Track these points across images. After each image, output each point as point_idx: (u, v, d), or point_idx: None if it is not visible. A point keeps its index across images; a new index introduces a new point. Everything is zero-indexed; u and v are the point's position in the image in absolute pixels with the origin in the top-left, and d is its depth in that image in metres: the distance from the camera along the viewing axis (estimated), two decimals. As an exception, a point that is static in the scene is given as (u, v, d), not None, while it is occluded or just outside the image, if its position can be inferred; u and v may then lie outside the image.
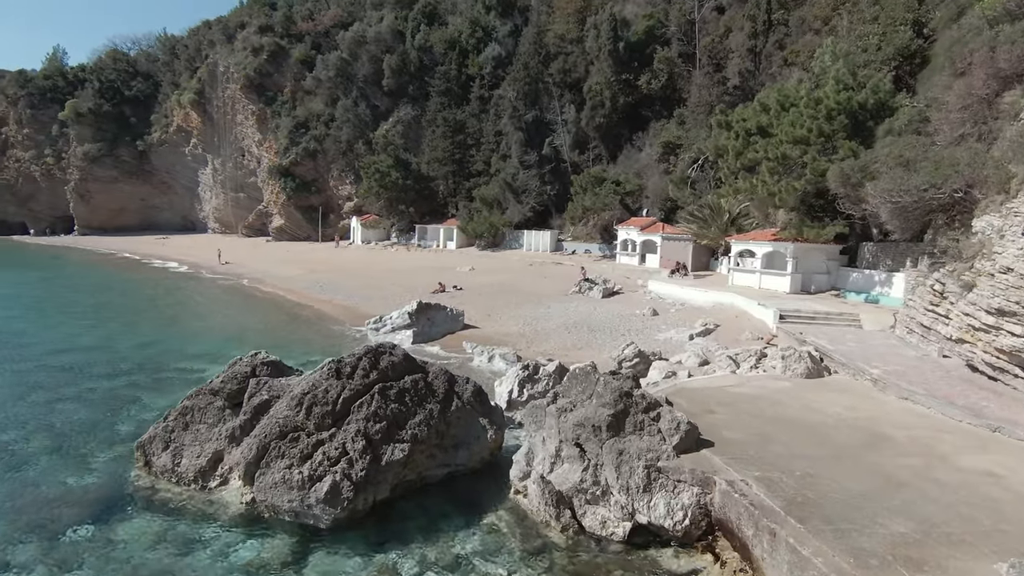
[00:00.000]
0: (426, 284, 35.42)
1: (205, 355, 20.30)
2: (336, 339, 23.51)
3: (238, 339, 22.99)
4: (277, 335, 24.09)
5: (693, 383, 14.17)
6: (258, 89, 78.42)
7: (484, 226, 54.68)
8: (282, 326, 26.16)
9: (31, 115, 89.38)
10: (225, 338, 23.33)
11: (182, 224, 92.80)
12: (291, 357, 20.16)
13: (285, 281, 40.02)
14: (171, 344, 22.14)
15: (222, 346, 21.68)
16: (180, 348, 21.66)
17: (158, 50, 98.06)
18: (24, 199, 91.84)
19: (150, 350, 21.21)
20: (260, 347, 21.33)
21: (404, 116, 71.09)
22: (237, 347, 21.63)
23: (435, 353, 21.86)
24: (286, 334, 24.27)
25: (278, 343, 22.46)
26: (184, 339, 23.27)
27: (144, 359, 19.89)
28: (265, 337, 23.79)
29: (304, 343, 22.56)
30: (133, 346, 21.84)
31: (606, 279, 33.83)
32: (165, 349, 21.33)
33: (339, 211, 74.07)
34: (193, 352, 21.03)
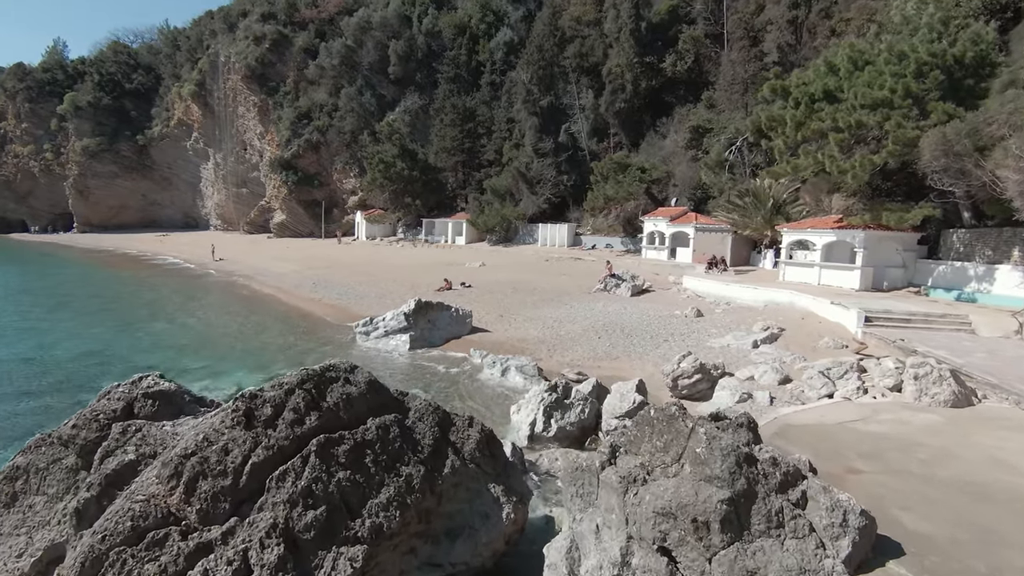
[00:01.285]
0: (431, 282, 31.46)
1: (150, 368, 16.38)
2: (314, 345, 19.55)
3: (197, 346, 19.14)
4: (246, 341, 20.18)
5: (799, 416, 9.96)
6: (260, 79, 75.01)
7: (496, 219, 50.62)
8: (255, 329, 22.25)
9: (30, 109, 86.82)
10: (182, 344, 19.48)
11: (184, 221, 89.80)
12: (251, 371, 16.29)
13: (276, 278, 36.24)
14: (117, 351, 18.30)
15: (176, 356, 17.84)
16: (126, 357, 17.79)
17: (160, 42, 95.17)
18: (23, 196, 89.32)
19: (88, 360, 17.37)
20: (222, 355, 17.47)
21: (411, 105, 67.33)
22: (193, 356, 17.77)
23: (436, 357, 17.85)
24: (256, 339, 20.36)
25: (244, 351, 18.56)
26: (135, 346, 19.43)
27: (74, 372, 16.06)
28: (231, 343, 19.90)
29: (273, 351, 18.62)
30: (72, 355, 18.02)
31: (633, 275, 29.65)
32: (107, 358, 17.47)
33: (343, 206, 70.44)
34: (141, 363, 17.14)
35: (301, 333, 21.38)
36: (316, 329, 22.28)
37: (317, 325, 23.01)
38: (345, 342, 19.95)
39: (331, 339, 20.45)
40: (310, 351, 18.68)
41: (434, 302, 20.02)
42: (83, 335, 20.89)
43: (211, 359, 17.29)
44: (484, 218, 51.46)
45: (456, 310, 20.36)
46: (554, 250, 46.89)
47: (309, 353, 18.38)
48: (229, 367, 16.40)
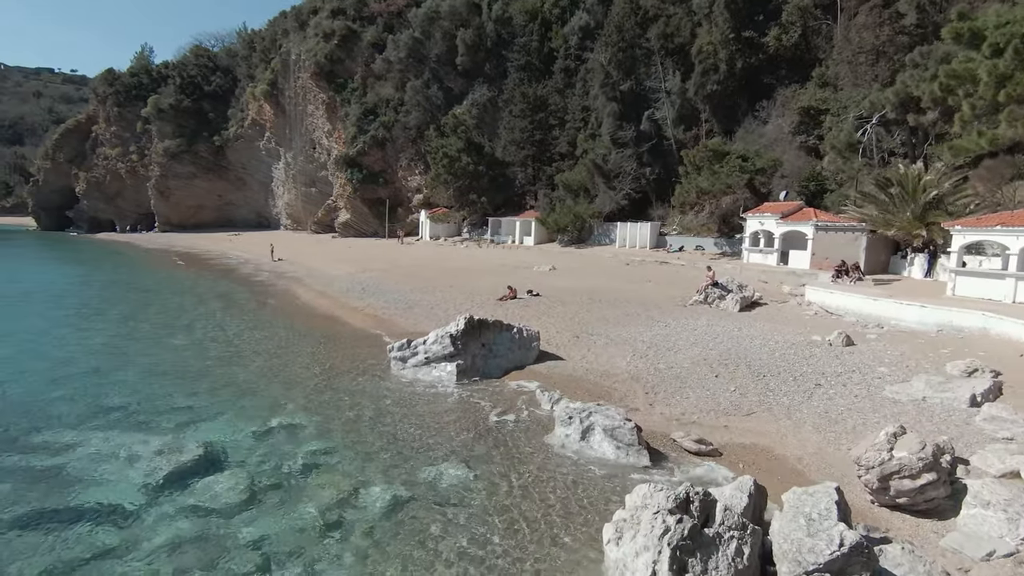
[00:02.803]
0: (493, 288, 26.94)
1: (117, 408, 12.65)
2: (341, 373, 15.32)
3: (199, 373, 15.41)
4: (260, 367, 16.26)
5: None
6: (328, 76, 73.55)
7: (568, 218, 45.57)
8: (277, 348, 18.42)
9: (118, 113, 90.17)
10: (181, 370, 15.79)
11: (257, 221, 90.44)
12: (246, 418, 12.18)
13: (326, 282, 32.95)
14: (93, 378, 14.74)
15: (163, 388, 14.15)
16: (101, 386, 14.23)
17: (238, 44, 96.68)
18: (112, 197, 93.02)
19: (54, 388, 13.91)
20: (221, 387, 13.64)
21: (479, 98, 63.38)
22: (184, 389, 13.97)
23: (490, 395, 13.12)
24: (273, 365, 16.39)
25: (252, 382, 14.59)
26: (125, 367, 15.94)
27: (27, 403, 12.58)
28: (241, 368, 16.06)
29: (287, 383, 14.52)
30: (37, 378, 14.70)
31: (740, 283, 23.85)
32: (76, 390, 13.90)
33: (407, 204, 67.56)
34: (116, 395, 13.52)
35: (330, 355, 17.28)
36: (350, 349, 18.15)
37: (352, 343, 18.90)
38: (380, 369, 15.62)
39: (363, 364, 16.19)
40: (332, 383, 14.48)
41: (490, 320, 15.31)
42: (70, 351, 17.75)
43: (205, 394, 13.44)
44: (555, 216, 46.53)
45: (519, 331, 15.58)
46: (635, 252, 41.29)
47: (330, 388, 14.18)
48: (219, 408, 12.46)
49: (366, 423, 11.81)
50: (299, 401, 12.97)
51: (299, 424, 11.60)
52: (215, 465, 9.65)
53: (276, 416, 11.94)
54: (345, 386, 14.14)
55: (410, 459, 10.04)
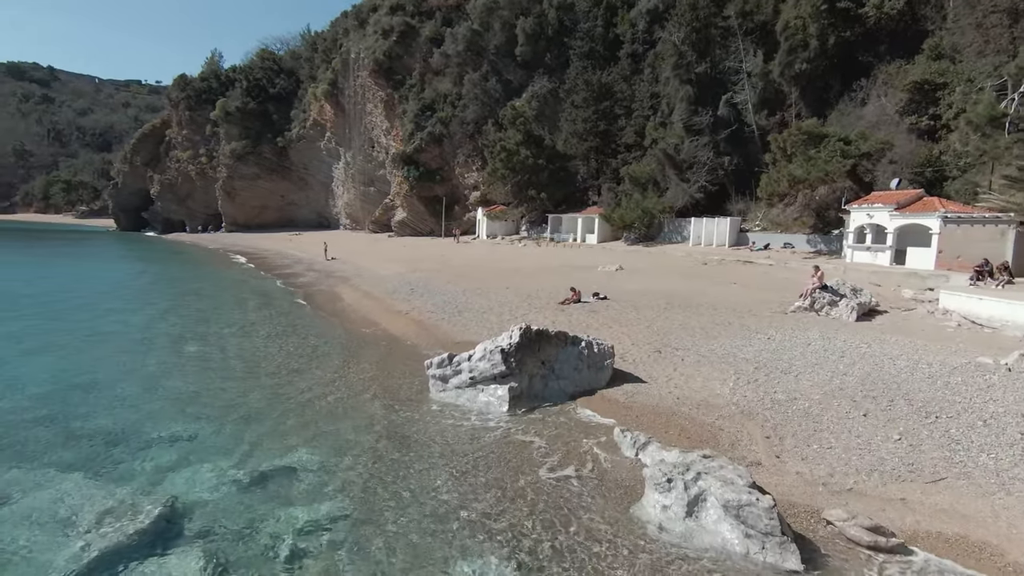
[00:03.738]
0: (553, 289, 23.82)
1: (97, 432, 10.33)
2: (370, 395, 12.55)
3: (198, 391, 13.04)
4: (275, 384, 13.77)
5: None
6: (387, 73, 72.54)
7: (635, 213, 41.74)
8: (305, 359, 15.91)
9: (189, 117, 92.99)
10: (182, 389, 13.49)
11: (318, 221, 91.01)
12: (242, 455, 9.36)
13: (374, 282, 30.74)
14: (64, 403, 12.58)
15: (155, 408, 11.83)
16: (88, 403, 12.06)
17: (302, 46, 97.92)
18: (183, 198, 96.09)
19: (44, 402, 11.82)
20: (224, 411, 11.12)
21: (539, 90, 60.37)
22: (178, 411, 11.56)
23: (549, 433, 9.88)
24: (292, 380, 13.85)
25: (260, 407, 12.04)
26: (118, 379, 13.81)
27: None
28: (252, 386, 13.61)
29: (301, 407, 11.84)
30: (35, 385, 12.72)
31: (854, 287, 19.67)
32: (50, 413, 11.73)
33: (464, 202, 65.38)
34: (103, 416, 11.30)
35: (360, 370, 14.57)
36: (384, 362, 15.42)
37: (389, 355, 16.18)
38: (415, 389, 12.77)
39: (397, 383, 13.39)
40: (356, 409, 11.72)
41: (551, 331, 12.12)
42: (71, 360, 15.88)
43: (200, 421, 10.98)
44: (621, 212, 42.80)
45: (588, 345, 12.34)
46: (711, 250, 37.07)
47: (351, 415, 11.42)
48: (209, 444, 9.92)
49: (385, 472, 8.91)
50: (309, 435, 10.23)
51: (301, 472, 8.85)
52: (171, 538, 6.98)
53: (276, 458, 9.24)
54: (370, 413, 11.33)
55: (435, 545, 7.01)
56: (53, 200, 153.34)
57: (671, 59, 43.24)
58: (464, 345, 16.00)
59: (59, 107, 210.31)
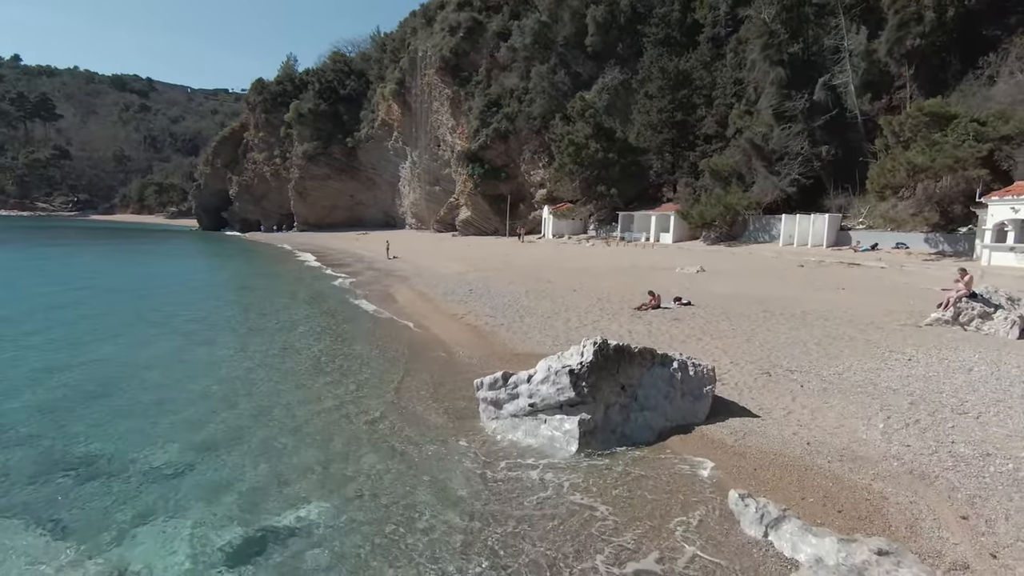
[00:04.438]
0: (626, 293, 21.08)
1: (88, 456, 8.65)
2: (403, 426, 10.31)
3: (207, 406, 11.28)
4: (300, 397, 11.84)
5: None
6: (453, 70, 71.46)
7: (716, 209, 37.99)
8: (338, 371, 13.93)
9: (265, 119, 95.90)
10: (194, 400, 11.81)
11: (384, 220, 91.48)
12: (249, 494, 7.30)
13: (432, 282, 28.92)
14: (41, 425, 11.05)
15: (154, 430, 10.09)
16: (76, 426, 10.50)
17: (372, 48, 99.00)
18: (259, 198, 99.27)
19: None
20: (239, 432, 9.16)
21: (610, 81, 57.28)
22: (175, 435, 9.75)
23: (637, 486, 7.16)
24: (319, 400, 11.84)
25: (279, 426, 10.07)
26: (118, 388, 12.29)
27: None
28: (281, 399, 11.74)
29: (324, 440, 9.75)
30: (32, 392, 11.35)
31: (1011, 296, 15.76)
32: (22, 437, 10.22)
33: (530, 200, 63.15)
34: (90, 441, 9.69)
35: (399, 388, 12.38)
36: (429, 377, 13.19)
37: (436, 368, 13.96)
38: (463, 414, 10.45)
39: (441, 406, 11.11)
40: (386, 443, 9.51)
41: (635, 348, 9.44)
42: (72, 370, 14.61)
43: (201, 451, 9.10)
44: (700, 209, 39.12)
45: (682, 365, 9.58)
46: (806, 251, 32.91)
47: (380, 449, 9.25)
48: (201, 493, 7.94)
49: (412, 544, 6.56)
50: (324, 480, 8.08)
51: (305, 539, 6.69)
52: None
53: (276, 516, 7.13)
54: (402, 451, 9.07)
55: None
56: (147, 202, 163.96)
57: (759, 40, 39.09)
58: (525, 358, 13.57)
59: (155, 115, 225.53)
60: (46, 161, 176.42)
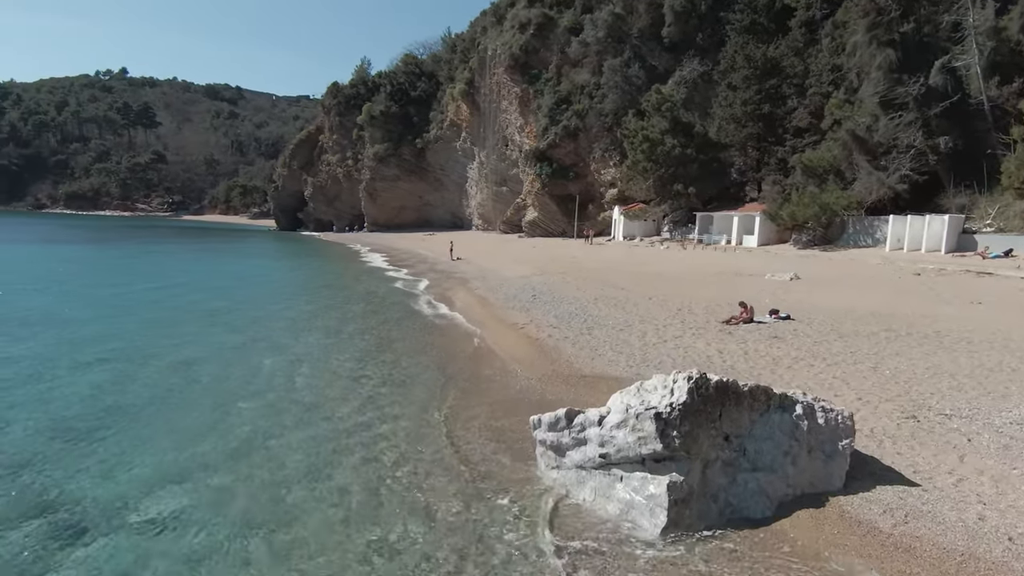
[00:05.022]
0: (711, 303, 18.50)
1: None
2: (437, 472, 8.40)
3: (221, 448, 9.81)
4: (321, 431, 10.21)
5: None
6: (523, 68, 69.88)
7: (811, 210, 34.12)
8: (371, 392, 12.30)
9: (339, 122, 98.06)
10: (200, 450, 10.41)
11: (452, 221, 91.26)
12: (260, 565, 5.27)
13: (494, 285, 27.19)
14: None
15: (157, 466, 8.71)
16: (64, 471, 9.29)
17: (442, 49, 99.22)
18: (332, 199, 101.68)
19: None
20: (239, 484, 7.48)
21: (688, 74, 53.77)
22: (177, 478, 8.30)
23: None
24: (340, 435, 10.13)
25: (293, 469, 8.48)
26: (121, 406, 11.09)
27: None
28: (307, 430, 10.20)
29: (338, 496, 8.02)
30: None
31: None
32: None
33: (599, 200, 60.45)
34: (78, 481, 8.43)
35: (444, 419, 10.51)
36: (479, 401, 11.28)
37: (487, 389, 12.03)
38: (515, 457, 8.46)
39: (490, 446, 9.12)
40: (413, 503, 7.66)
41: (744, 386, 7.08)
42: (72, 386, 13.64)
43: (197, 509, 7.58)
44: (791, 209, 35.31)
45: (808, 409, 7.14)
46: (920, 256, 28.71)
47: (407, 510, 7.42)
48: (195, 552, 6.32)
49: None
50: (334, 559, 6.29)
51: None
52: None
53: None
54: (430, 508, 7.18)
55: None
56: (232, 203, 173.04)
57: (864, 19, 34.77)
58: (593, 381, 11.42)
59: (242, 121, 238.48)
60: (145, 165, 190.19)
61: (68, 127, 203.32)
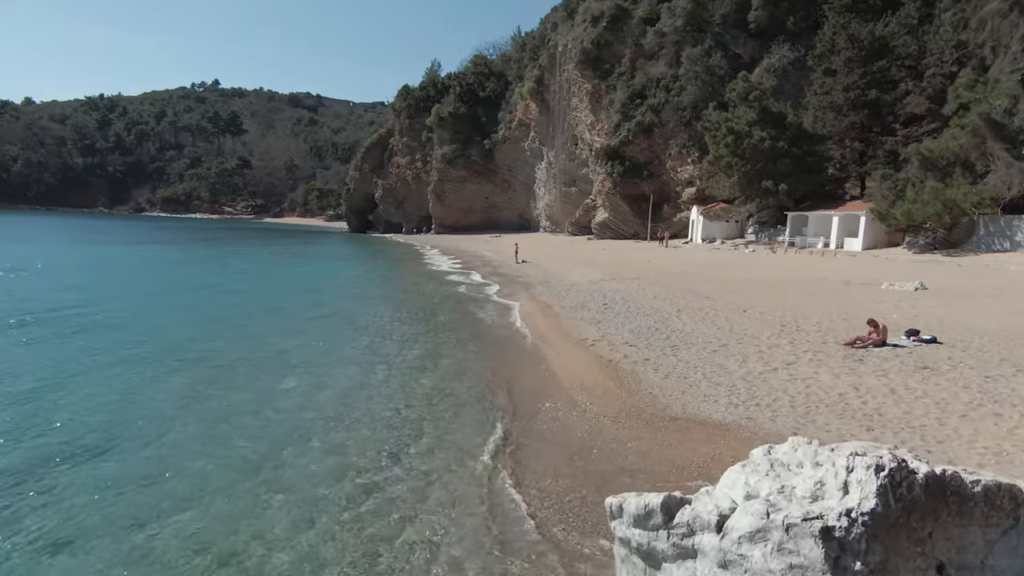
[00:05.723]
0: (822, 317, 15.20)
1: None
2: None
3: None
4: (361, 482, 8.03)
5: None
6: (594, 63, 66.88)
7: (931, 208, 29.30)
8: (401, 439, 10.00)
9: (409, 124, 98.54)
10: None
11: (519, 223, 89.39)
12: None
13: (560, 291, 24.62)
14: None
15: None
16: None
17: (511, 49, 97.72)
18: (401, 201, 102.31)
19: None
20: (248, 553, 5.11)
21: (778, 62, 49.24)
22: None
23: None
24: (382, 510, 7.90)
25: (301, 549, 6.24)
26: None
27: None
28: (339, 486, 8.05)
29: (340, 542, 5.73)
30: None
31: None
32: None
33: (675, 200, 56.53)
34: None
35: (485, 472, 8.13)
36: (538, 448, 8.80)
37: (549, 433, 9.50)
38: (580, 559, 5.91)
39: (538, 533, 6.64)
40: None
41: (972, 485, 4.23)
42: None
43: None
44: (906, 207, 30.50)
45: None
46: (1081, 265, 23.59)
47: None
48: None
49: None
50: None
51: None
52: None
53: None
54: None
55: None
56: (309, 206, 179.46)
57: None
58: (686, 426, 8.68)
59: (320, 127, 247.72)
60: (232, 170, 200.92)
61: (165, 136, 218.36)
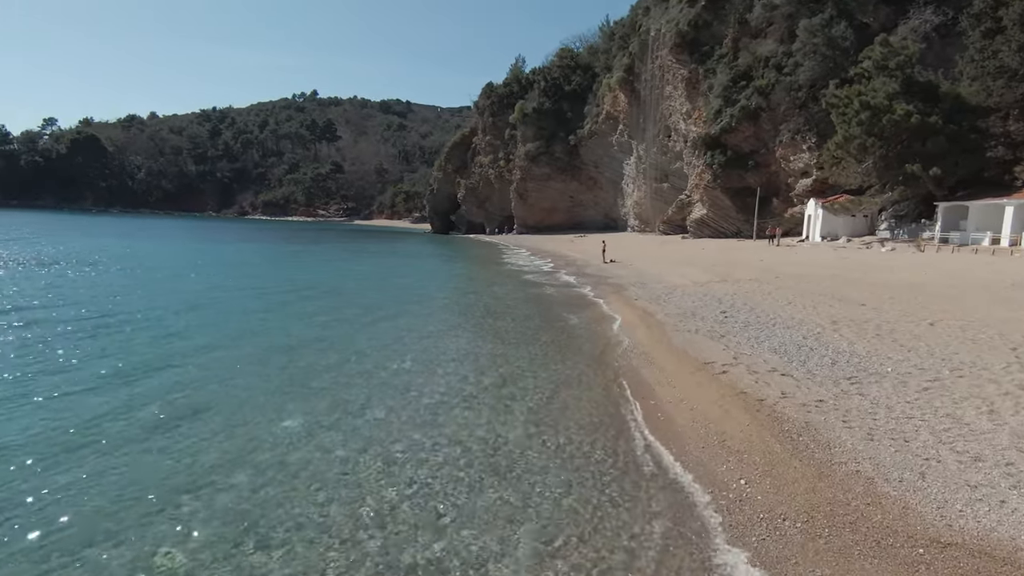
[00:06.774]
0: (1014, 334, 9.93)
1: None
2: None
3: None
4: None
5: None
6: (691, 46, 61.16)
7: None
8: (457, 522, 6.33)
9: (492, 122, 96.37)
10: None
11: (604, 223, 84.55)
12: None
13: (660, 292, 20.33)
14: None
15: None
16: None
17: (599, 40, 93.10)
18: (483, 201, 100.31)
19: None
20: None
21: (919, 26, 41.70)
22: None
23: None
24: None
25: None
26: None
27: None
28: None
29: None
30: None
31: None
32: None
33: (786, 193, 49.87)
34: None
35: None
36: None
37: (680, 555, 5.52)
38: None
39: None
40: None
41: None
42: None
43: None
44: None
45: None
46: None
47: None
48: None
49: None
50: None
51: None
52: None
53: None
54: None
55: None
56: (396, 208, 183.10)
57: None
58: (967, 559, 4.31)
59: (409, 132, 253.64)
60: (326, 175, 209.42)
61: (268, 143, 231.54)
